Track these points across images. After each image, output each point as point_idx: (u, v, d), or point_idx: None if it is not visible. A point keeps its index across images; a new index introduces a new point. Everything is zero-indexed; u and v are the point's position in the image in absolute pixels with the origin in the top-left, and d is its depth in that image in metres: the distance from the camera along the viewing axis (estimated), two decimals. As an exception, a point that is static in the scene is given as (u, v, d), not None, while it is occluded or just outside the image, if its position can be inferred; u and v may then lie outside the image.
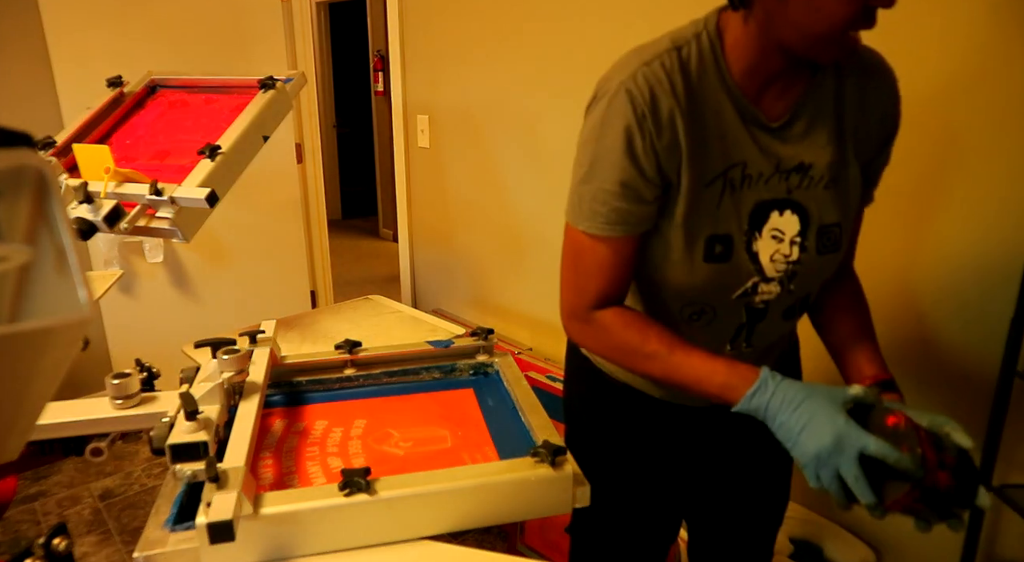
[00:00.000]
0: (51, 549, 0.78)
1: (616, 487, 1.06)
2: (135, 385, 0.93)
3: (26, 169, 0.28)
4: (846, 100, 0.87)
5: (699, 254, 0.84)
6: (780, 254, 0.86)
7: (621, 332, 0.87)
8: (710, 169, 0.83)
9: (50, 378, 0.32)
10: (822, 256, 0.88)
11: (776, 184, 0.85)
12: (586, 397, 1.09)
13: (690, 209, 0.83)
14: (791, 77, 0.83)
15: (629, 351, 0.87)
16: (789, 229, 0.86)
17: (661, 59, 0.81)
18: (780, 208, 0.86)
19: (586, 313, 0.90)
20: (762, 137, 0.84)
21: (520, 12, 2.05)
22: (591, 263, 0.88)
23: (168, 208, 1.32)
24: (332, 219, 5.15)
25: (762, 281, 0.87)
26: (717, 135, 0.82)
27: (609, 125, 0.81)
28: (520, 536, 1.96)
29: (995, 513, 1.34)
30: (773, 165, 0.84)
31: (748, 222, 0.85)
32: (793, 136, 0.85)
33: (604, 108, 0.82)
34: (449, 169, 2.47)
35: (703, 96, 0.81)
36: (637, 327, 0.87)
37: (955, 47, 1.26)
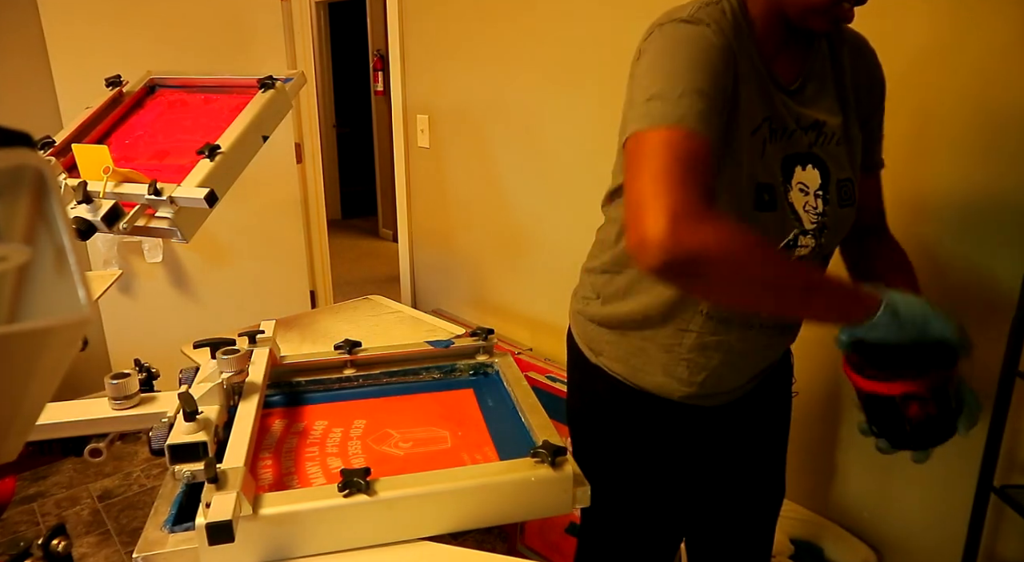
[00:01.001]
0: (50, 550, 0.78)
1: (626, 491, 1.05)
2: (134, 385, 0.93)
3: (25, 169, 0.28)
4: (844, 66, 0.93)
5: (749, 202, 0.85)
6: (810, 206, 0.89)
7: (750, 233, 0.72)
8: (754, 117, 0.85)
9: (49, 378, 0.32)
10: (842, 209, 0.92)
11: (799, 139, 0.89)
12: (597, 405, 1.07)
13: (745, 154, 0.84)
14: (798, 44, 0.89)
15: (761, 246, 0.74)
16: (812, 182, 0.89)
17: (710, 6, 0.82)
18: (803, 163, 0.89)
19: (701, 207, 0.70)
20: (781, 96, 0.88)
21: (520, 12, 2.05)
22: (688, 155, 0.72)
23: (167, 208, 1.31)
24: (332, 219, 5.15)
25: (801, 233, 0.90)
26: (756, 87, 0.85)
27: (687, 39, 0.78)
28: (520, 537, 1.96)
29: (995, 513, 1.34)
30: (794, 121, 0.88)
31: (781, 174, 0.88)
32: (806, 98, 0.90)
33: (678, 32, 0.79)
34: (449, 169, 2.47)
35: (741, 49, 0.84)
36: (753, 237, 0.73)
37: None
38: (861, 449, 1.51)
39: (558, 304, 2.22)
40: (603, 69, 1.84)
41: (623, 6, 1.75)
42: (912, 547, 1.49)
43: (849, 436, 1.53)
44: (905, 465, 1.44)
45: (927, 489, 1.43)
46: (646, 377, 0.99)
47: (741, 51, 0.83)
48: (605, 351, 1.02)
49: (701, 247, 0.68)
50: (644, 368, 0.99)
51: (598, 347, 1.03)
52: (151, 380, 1.00)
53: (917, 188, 1.34)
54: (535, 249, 2.20)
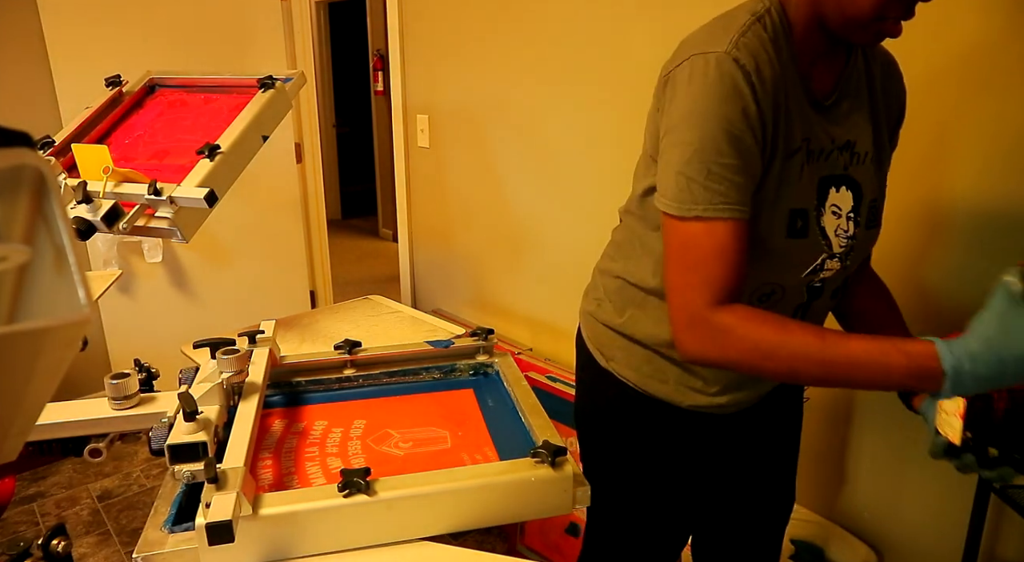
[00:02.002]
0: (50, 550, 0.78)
1: (633, 495, 1.05)
2: (134, 385, 0.93)
3: (25, 169, 0.28)
4: (875, 81, 0.91)
5: (782, 229, 0.84)
6: (841, 229, 0.88)
7: (756, 330, 0.76)
8: (793, 141, 0.83)
9: (49, 378, 0.32)
10: (869, 230, 0.91)
11: (835, 160, 0.87)
12: (607, 409, 1.06)
13: (780, 180, 0.82)
14: (832, 56, 0.86)
15: (769, 351, 0.76)
16: (845, 204, 0.88)
17: (753, 29, 0.79)
18: (837, 184, 0.87)
19: (707, 314, 0.77)
20: (816, 115, 0.86)
21: (520, 12, 2.05)
22: (709, 251, 0.78)
23: (167, 208, 1.31)
24: (332, 219, 5.15)
25: (828, 257, 0.88)
26: (796, 108, 0.83)
27: (719, 97, 0.76)
28: (520, 537, 1.96)
29: (996, 513, 1.34)
30: (830, 141, 0.87)
31: (816, 198, 0.86)
32: (840, 115, 0.88)
33: (709, 81, 0.77)
34: (449, 169, 2.47)
35: (784, 69, 0.81)
36: (774, 322, 0.76)
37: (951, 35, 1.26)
38: (862, 450, 1.51)
39: (558, 304, 2.23)
40: (603, 69, 1.84)
41: (623, 6, 1.75)
42: (912, 547, 1.49)
43: (849, 437, 1.53)
44: (905, 466, 1.44)
45: (927, 489, 1.43)
46: (658, 385, 0.98)
47: (782, 71, 0.80)
48: (617, 357, 1.01)
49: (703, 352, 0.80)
50: (656, 375, 0.98)
51: (610, 352, 1.02)
52: (151, 380, 1.00)
53: (928, 195, 1.34)
54: (535, 249, 2.19)
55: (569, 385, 1.87)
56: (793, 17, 0.82)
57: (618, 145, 1.83)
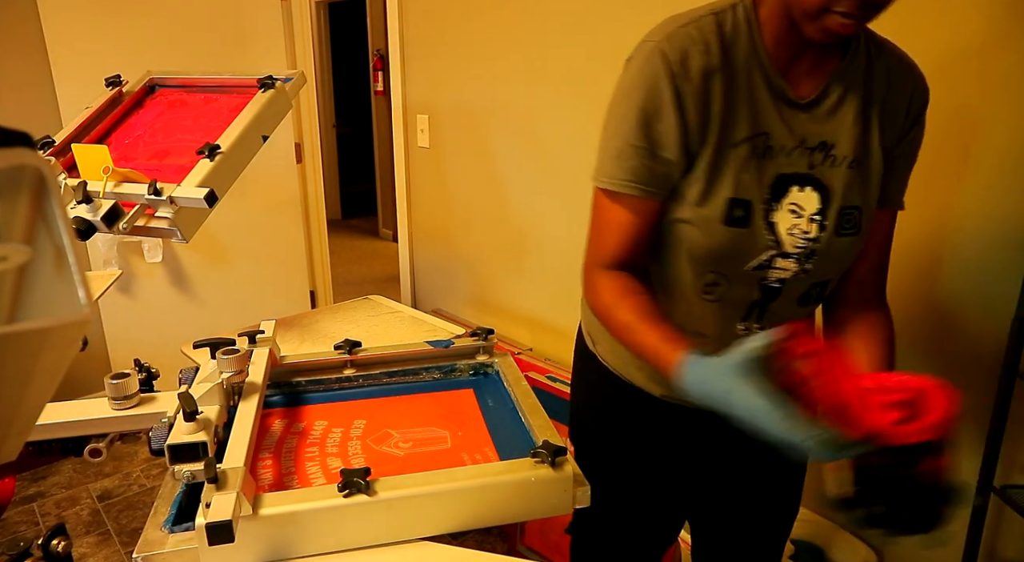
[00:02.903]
0: (50, 550, 0.78)
1: (618, 486, 1.06)
2: (134, 385, 0.93)
3: (25, 169, 0.28)
4: (874, 84, 0.88)
5: (718, 215, 0.84)
6: (799, 229, 0.86)
7: (606, 295, 0.89)
8: (738, 133, 0.83)
9: (49, 378, 0.32)
10: (840, 237, 0.88)
11: (798, 158, 0.86)
12: (591, 395, 1.09)
13: (713, 167, 0.84)
14: (820, 55, 0.85)
15: (607, 316, 0.89)
16: (809, 205, 0.86)
17: (698, 23, 0.83)
18: (800, 184, 0.86)
19: (592, 272, 0.91)
20: (788, 112, 0.85)
21: (520, 12, 2.05)
22: (607, 222, 0.89)
23: (167, 208, 1.31)
24: (332, 219, 5.15)
25: (779, 256, 0.87)
26: (747, 102, 0.83)
27: (639, 83, 0.83)
28: (520, 537, 1.96)
29: (996, 513, 1.34)
30: (797, 140, 0.85)
31: (769, 192, 0.85)
32: (820, 113, 0.86)
33: (636, 67, 0.84)
34: (449, 169, 2.47)
35: (736, 62, 0.83)
36: (620, 293, 0.87)
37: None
38: (861, 449, 1.51)
39: (558, 304, 2.23)
40: (603, 68, 1.84)
41: (623, 5, 1.75)
42: (913, 548, 1.49)
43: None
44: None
45: (927, 489, 1.43)
46: (635, 372, 1.00)
47: (735, 65, 0.82)
48: (600, 340, 1.04)
49: (586, 298, 0.95)
50: (634, 362, 1.00)
51: (596, 336, 1.05)
52: (151, 380, 1.00)
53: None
54: (535, 249, 2.19)
55: (569, 385, 1.87)
56: (764, 14, 0.83)
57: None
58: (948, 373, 1.35)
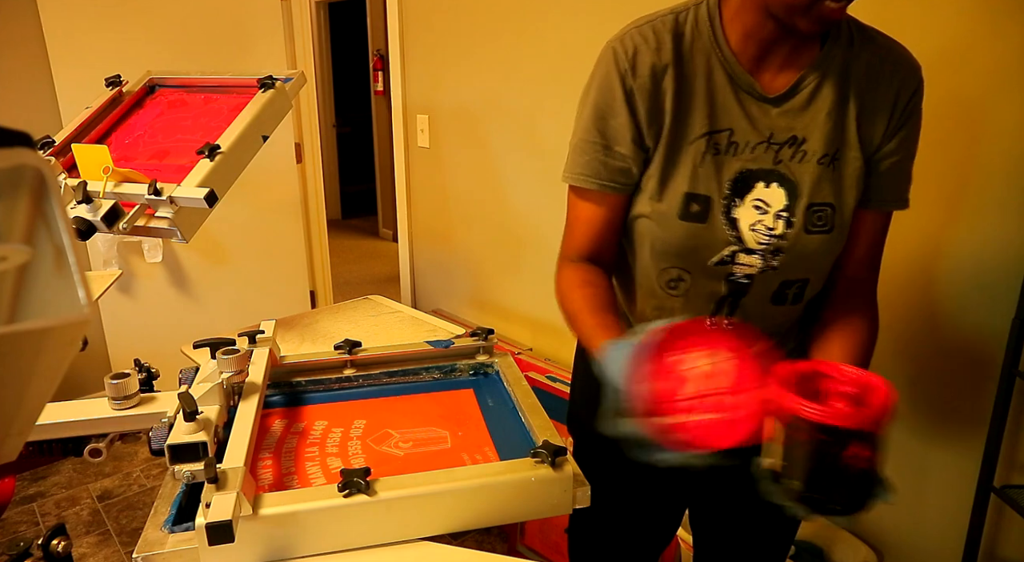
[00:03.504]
0: (50, 550, 0.78)
1: (615, 483, 1.05)
2: (134, 385, 0.93)
3: (25, 169, 0.28)
4: (853, 75, 0.85)
5: (674, 210, 0.85)
6: (763, 225, 0.85)
7: (563, 285, 0.94)
8: (693, 129, 0.84)
9: (48, 378, 0.32)
10: (810, 235, 0.85)
11: (762, 154, 0.84)
12: (591, 391, 1.08)
13: (667, 162, 0.86)
14: (796, 46, 0.83)
15: (561, 305, 0.94)
16: (774, 202, 0.85)
17: (653, 23, 0.85)
18: (766, 180, 0.85)
19: (560, 262, 0.96)
20: (754, 107, 0.84)
21: (520, 12, 2.05)
22: (574, 216, 0.95)
23: (167, 208, 1.31)
24: (332, 219, 5.15)
25: (742, 251, 0.86)
26: (705, 99, 0.84)
27: (594, 82, 0.88)
28: (520, 537, 1.96)
29: (996, 513, 1.34)
30: (764, 136, 0.84)
31: (730, 188, 0.85)
32: (792, 108, 0.85)
33: (595, 66, 0.88)
34: (449, 169, 2.47)
35: (694, 60, 0.84)
36: (575, 284, 0.92)
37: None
38: (861, 449, 1.51)
39: (558, 304, 2.22)
40: (603, 69, 1.84)
41: (623, 5, 1.75)
42: (912, 547, 1.49)
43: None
44: (905, 466, 1.44)
45: (927, 489, 1.43)
46: None
47: (693, 61, 0.84)
48: None
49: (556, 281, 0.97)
50: None
51: None
52: (151, 380, 1.00)
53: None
54: (535, 249, 2.19)
55: (569, 385, 1.87)
56: (729, 12, 0.83)
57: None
58: (948, 373, 1.36)
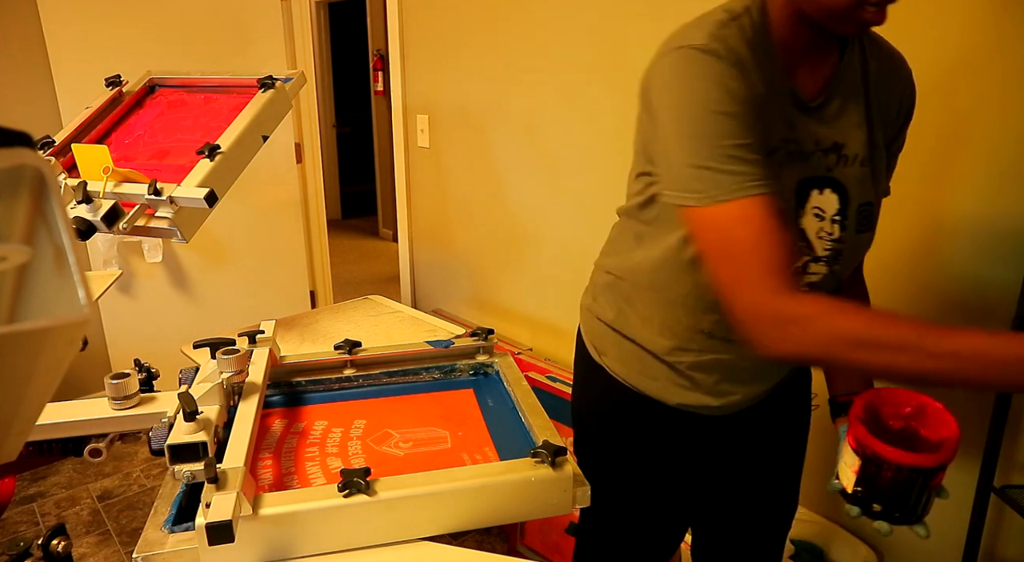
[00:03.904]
0: (50, 550, 0.78)
1: (626, 494, 1.05)
2: (134, 385, 0.93)
3: (25, 169, 0.28)
4: (871, 81, 0.87)
5: None
6: (824, 232, 0.86)
7: (841, 319, 0.69)
8: (770, 140, 0.80)
9: (48, 378, 0.32)
10: (860, 234, 0.88)
11: (816, 162, 0.84)
12: (598, 404, 1.06)
13: None
14: (820, 53, 0.83)
15: (861, 342, 0.69)
16: (829, 207, 0.85)
17: (725, 27, 0.78)
18: (820, 186, 0.85)
19: (778, 305, 0.71)
20: (802, 116, 0.83)
21: (520, 12, 2.05)
22: (752, 235, 0.73)
23: (167, 208, 1.31)
24: (332, 219, 5.15)
25: (812, 260, 0.87)
26: (775, 109, 0.81)
27: (700, 86, 0.74)
28: (520, 537, 1.96)
29: (996, 513, 1.34)
30: (814, 144, 0.84)
31: (792, 198, 0.84)
32: (828, 116, 0.85)
33: (693, 71, 0.75)
34: (449, 169, 2.47)
35: (761, 68, 0.79)
36: (859, 311, 0.72)
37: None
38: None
39: (558, 304, 2.23)
40: (603, 68, 1.84)
41: (623, 6, 1.75)
42: (912, 547, 1.49)
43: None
44: (905, 465, 1.44)
45: (927, 489, 1.43)
46: (648, 382, 0.98)
47: (760, 70, 0.79)
48: (609, 352, 1.02)
49: (784, 345, 0.71)
50: (645, 373, 0.98)
51: (602, 347, 1.03)
52: (151, 380, 1.00)
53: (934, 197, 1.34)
54: (535, 249, 2.20)
55: (569, 385, 1.87)
56: (774, 16, 0.80)
57: (618, 145, 1.83)
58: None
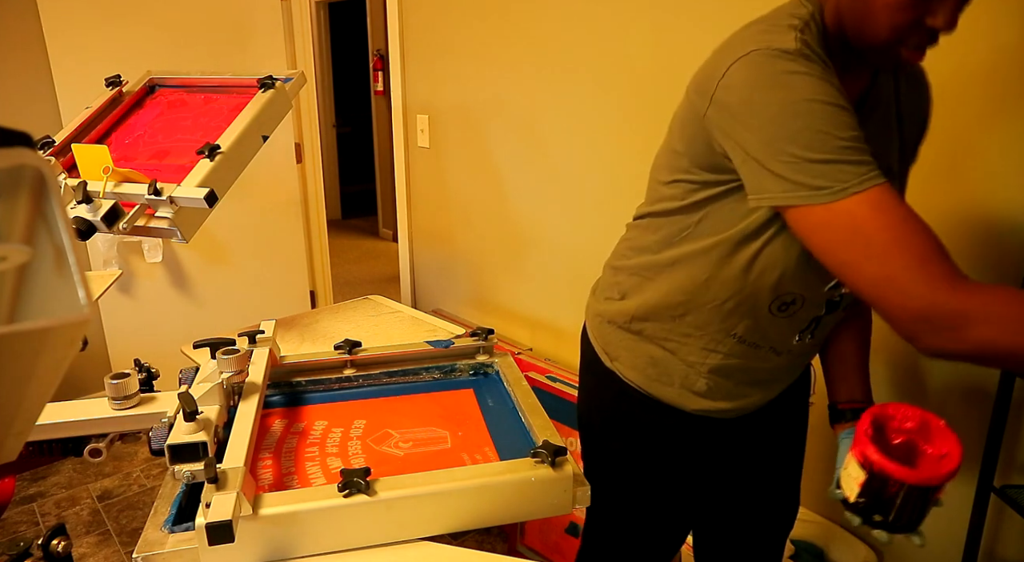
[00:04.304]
0: (50, 550, 0.78)
1: (634, 497, 1.05)
2: (134, 385, 0.93)
3: (25, 169, 0.28)
4: (901, 96, 0.88)
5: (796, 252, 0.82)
6: None
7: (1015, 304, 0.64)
8: None
9: (48, 378, 0.32)
10: None
11: None
12: (609, 411, 1.05)
13: None
14: (859, 70, 0.83)
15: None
16: None
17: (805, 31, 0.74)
18: None
19: (947, 299, 0.64)
20: None
21: (520, 12, 2.05)
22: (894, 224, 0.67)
23: (167, 208, 1.31)
24: (332, 219, 5.15)
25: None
26: None
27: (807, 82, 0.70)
28: (520, 537, 1.96)
29: (996, 513, 1.34)
30: None
31: None
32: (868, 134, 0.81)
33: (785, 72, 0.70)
34: (449, 169, 2.47)
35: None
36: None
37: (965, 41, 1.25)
38: (861, 449, 1.51)
39: (558, 304, 2.23)
40: (603, 68, 1.84)
41: (622, 6, 1.75)
42: (912, 547, 1.48)
43: (849, 436, 1.53)
44: (905, 465, 1.44)
45: (927, 489, 1.43)
46: (662, 388, 0.97)
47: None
48: (621, 357, 1.00)
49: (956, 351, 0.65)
50: (661, 379, 0.97)
51: (614, 352, 1.01)
52: (151, 380, 1.00)
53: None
54: (535, 249, 2.19)
55: (569, 385, 1.87)
56: (829, 18, 0.78)
57: (618, 145, 1.83)
58: (948, 373, 1.36)
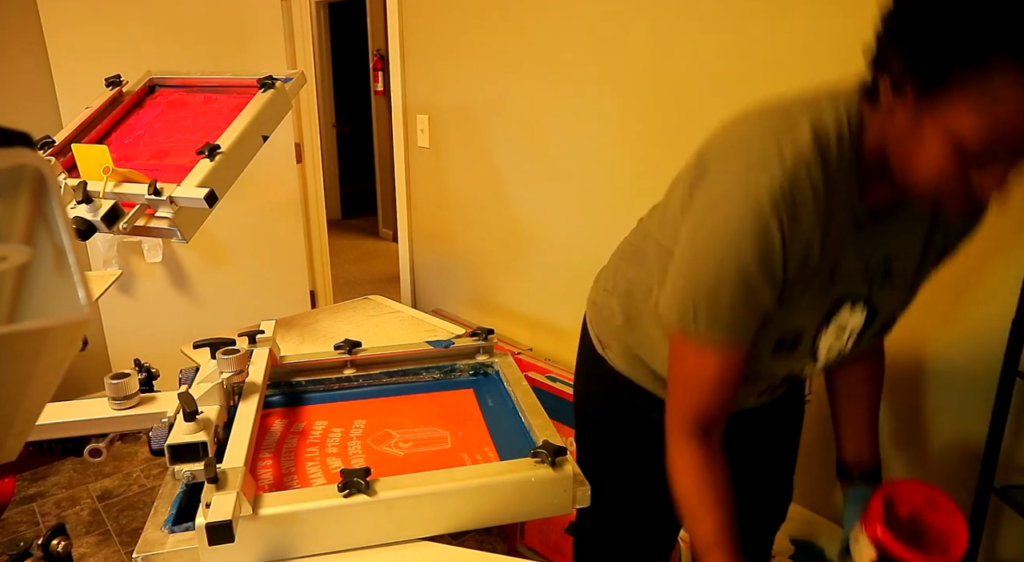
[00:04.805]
0: (50, 550, 0.78)
1: (628, 485, 1.06)
2: (134, 385, 0.93)
3: (25, 169, 0.28)
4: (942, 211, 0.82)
5: (768, 347, 0.84)
6: (835, 347, 0.87)
7: (691, 470, 0.86)
8: (819, 271, 0.78)
9: (48, 378, 0.32)
10: (873, 340, 0.91)
11: (859, 281, 0.82)
12: (600, 394, 1.09)
13: (786, 308, 0.79)
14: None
15: (683, 488, 0.87)
16: (853, 323, 0.85)
17: (807, 161, 0.72)
18: (852, 300, 0.83)
19: (681, 434, 0.86)
20: (855, 234, 0.78)
21: (520, 12, 2.05)
22: (709, 378, 0.82)
23: (167, 208, 1.31)
24: (332, 219, 5.15)
25: (811, 365, 0.90)
26: (836, 234, 0.77)
27: (745, 239, 0.72)
28: (520, 537, 1.96)
29: (995, 513, 1.34)
30: (864, 261, 0.81)
31: (825, 316, 0.83)
32: (891, 229, 0.81)
33: (744, 217, 0.72)
34: (449, 169, 2.47)
35: (835, 193, 0.74)
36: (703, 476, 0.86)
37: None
38: (861, 449, 1.51)
39: (558, 304, 2.23)
40: (603, 69, 1.84)
41: (623, 6, 1.75)
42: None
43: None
44: (905, 466, 1.44)
45: (927, 489, 1.43)
46: (645, 379, 1.00)
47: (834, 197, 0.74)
48: (612, 346, 1.03)
49: (673, 460, 0.88)
50: (644, 370, 1.00)
51: (607, 340, 1.04)
52: (151, 380, 1.00)
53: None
54: (535, 249, 2.19)
55: (569, 385, 1.87)
56: (868, 137, 0.74)
57: (618, 144, 1.83)
58: (948, 373, 1.36)
